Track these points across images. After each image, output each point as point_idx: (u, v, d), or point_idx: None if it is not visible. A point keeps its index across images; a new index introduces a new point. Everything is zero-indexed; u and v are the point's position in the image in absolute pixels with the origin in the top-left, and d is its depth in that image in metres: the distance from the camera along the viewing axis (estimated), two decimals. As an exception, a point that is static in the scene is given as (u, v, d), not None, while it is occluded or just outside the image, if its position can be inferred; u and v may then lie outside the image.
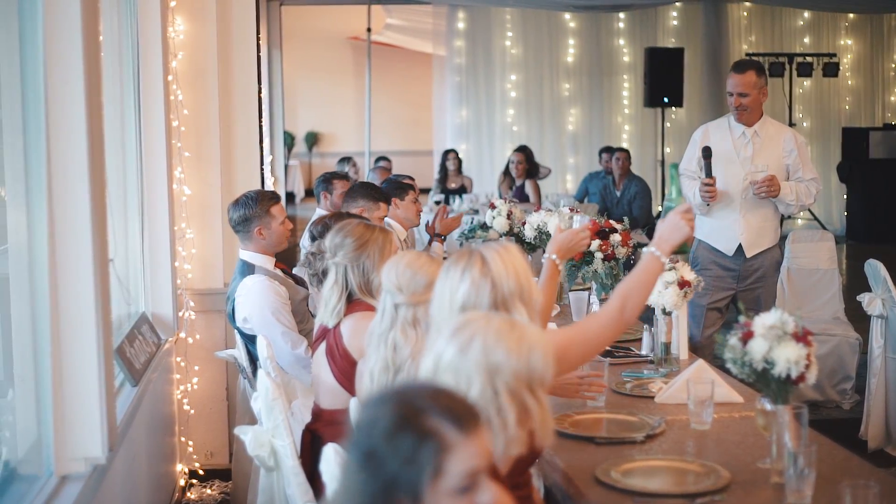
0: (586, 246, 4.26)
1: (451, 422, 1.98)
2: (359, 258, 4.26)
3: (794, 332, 3.21)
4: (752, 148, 6.30)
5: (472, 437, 1.99)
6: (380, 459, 1.97)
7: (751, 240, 6.32)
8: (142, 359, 4.94)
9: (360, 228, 4.34)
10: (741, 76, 6.29)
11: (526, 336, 2.56)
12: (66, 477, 3.50)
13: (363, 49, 16.84)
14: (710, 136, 6.40)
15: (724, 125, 6.43)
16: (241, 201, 5.40)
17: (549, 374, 2.58)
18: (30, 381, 3.45)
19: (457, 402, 2.04)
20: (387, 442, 1.97)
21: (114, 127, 5.08)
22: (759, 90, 6.28)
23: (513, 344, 2.52)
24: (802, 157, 6.35)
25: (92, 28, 3.56)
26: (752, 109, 6.31)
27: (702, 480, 3.28)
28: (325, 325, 4.34)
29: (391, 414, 2.00)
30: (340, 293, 4.28)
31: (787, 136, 6.39)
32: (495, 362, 2.50)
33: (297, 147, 22.75)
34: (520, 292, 3.10)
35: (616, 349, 4.94)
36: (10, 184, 3.44)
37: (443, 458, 1.96)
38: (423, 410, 1.99)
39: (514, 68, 16.74)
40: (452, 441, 1.97)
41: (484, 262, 3.08)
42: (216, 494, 6.11)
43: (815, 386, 6.92)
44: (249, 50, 6.58)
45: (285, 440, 3.93)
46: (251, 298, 5.20)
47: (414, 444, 1.96)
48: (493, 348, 2.51)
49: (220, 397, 6.44)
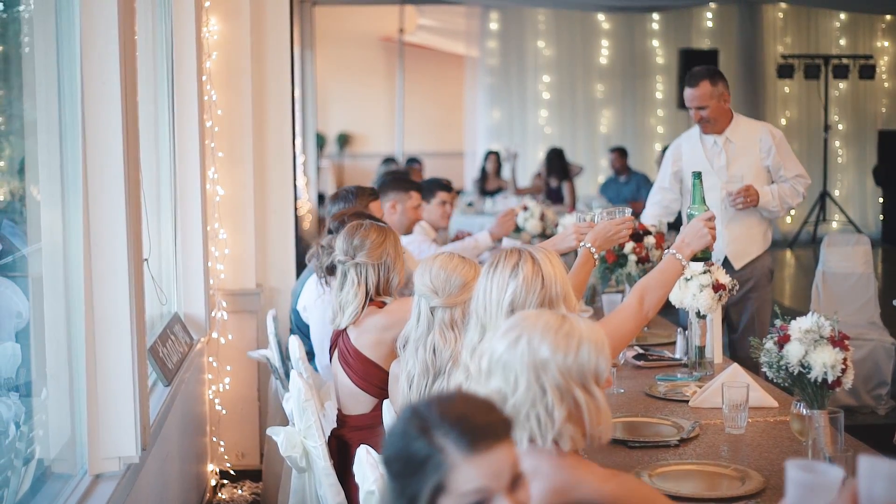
0: (625, 238, 4.29)
1: (459, 439, 1.95)
2: (381, 256, 4.27)
3: (831, 336, 3.19)
4: (726, 156, 6.00)
5: (484, 455, 1.95)
6: (395, 471, 1.98)
7: (737, 251, 6.01)
8: (174, 359, 4.95)
9: (375, 228, 4.35)
10: (694, 89, 5.95)
11: (575, 330, 2.49)
12: (99, 476, 3.51)
13: (395, 50, 16.87)
14: (682, 150, 6.16)
15: (696, 136, 6.12)
16: (340, 195, 5.53)
17: (603, 367, 2.51)
18: (64, 381, 3.47)
19: (473, 417, 2.00)
20: (400, 454, 1.98)
21: (148, 127, 5.10)
22: (717, 98, 5.93)
23: (560, 339, 2.46)
24: (782, 154, 6.02)
25: (128, 28, 3.58)
26: (716, 119, 5.97)
27: (736, 485, 3.26)
28: (338, 327, 4.34)
29: (405, 426, 2.00)
30: (363, 296, 4.27)
31: (762, 136, 6.03)
32: (542, 359, 2.44)
33: (329, 148, 22.77)
34: (565, 295, 3.11)
35: (650, 353, 4.92)
36: (45, 184, 3.45)
37: (447, 475, 1.94)
38: (433, 425, 1.97)
39: (546, 69, 16.71)
40: (458, 459, 1.94)
41: (535, 262, 3.08)
42: (247, 495, 6.12)
43: (851, 391, 6.88)
44: (283, 50, 6.59)
45: (317, 441, 3.94)
46: (318, 290, 5.22)
47: (422, 458, 1.95)
48: (538, 344, 2.45)
49: (252, 398, 6.45)
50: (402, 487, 1.98)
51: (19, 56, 3.77)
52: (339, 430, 4.30)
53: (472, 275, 3.60)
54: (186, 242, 5.67)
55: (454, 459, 1.94)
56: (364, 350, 4.22)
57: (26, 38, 3.68)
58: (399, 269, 4.29)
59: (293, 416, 4.11)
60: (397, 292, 4.38)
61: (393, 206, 6.53)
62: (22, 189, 3.64)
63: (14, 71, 3.82)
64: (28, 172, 3.53)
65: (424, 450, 1.95)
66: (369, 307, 4.26)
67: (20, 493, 3.27)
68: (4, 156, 3.81)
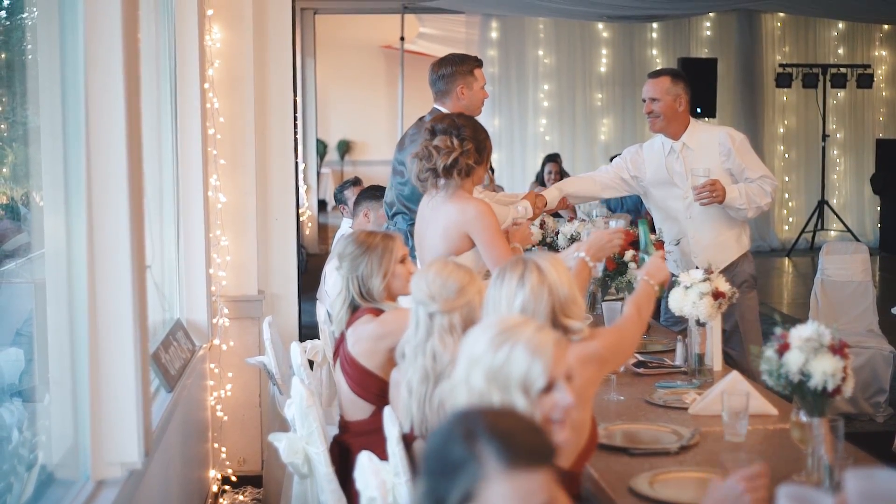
0: (617, 248, 4.59)
1: (500, 452, 1.91)
2: (357, 266, 4.30)
3: (831, 345, 3.19)
4: (683, 162, 5.90)
5: (521, 475, 1.91)
6: (430, 469, 1.97)
7: (707, 258, 5.64)
8: (177, 365, 4.97)
9: (361, 236, 4.38)
10: (654, 80, 5.93)
11: (517, 334, 2.49)
12: (102, 482, 3.51)
13: (396, 58, 16.87)
14: (644, 157, 6.10)
15: (658, 145, 6.04)
16: (447, 58, 5.69)
17: (535, 376, 2.46)
18: (67, 386, 3.47)
19: (519, 433, 1.96)
20: (438, 453, 1.96)
21: (151, 134, 5.12)
22: (673, 97, 5.85)
23: (496, 338, 2.49)
24: (743, 155, 5.83)
25: (131, 35, 3.59)
26: (666, 118, 5.87)
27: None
28: (333, 333, 4.39)
29: (451, 427, 1.97)
30: (343, 301, 4.33)
31: (721, 139, 5.86)
32: (476, 354, 2.49)
33: (330, 155, 22.82)
34: (573, 299, 3.18)
35: (649, 360, 4.93)
36: (49, 190, 3.47)
37: (479, 485, 1.90)
38: (478, 433, 1.93)
39: (546, 78, 16.72)
40: (493, 472, 1.90)
41: (541, 271, 3.14)
42: (248, 501, 6.14)
43: (849, 399, 6.88)
44: (285, 58, 6.61)
45: (319, 447, 3.94)
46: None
47: (458, 462, 1.92)
48: (476, 340, 2.52)
49: (253, 404, 6.47)
50: (433, 487, 1.95)
51: (23, 63, 3.80)
52: (340, 435, 4.31)
53: (468, 279, 3.62)
54: (189, 249, 5.69)
55: (489, 471, 1.90)
56: (359, 358, 4.23)
57: (30, 45, 3.71)
58: (383, 275, 4.29)
59: (295, 421, 4.12)
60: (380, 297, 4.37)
61: (366, 215, 6.89)
62: (25, 195, 3.66)
63: (18, 78, 3.85)
64: (31, 179, 3.55)
65: (462, 455, 1.91)
66: (365, 314, 4.28)
67: (23, 498, 3.28)
68: (8, 162, 3.84)
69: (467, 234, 4.76)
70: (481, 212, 4.76)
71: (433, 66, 5.73)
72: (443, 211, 4.80)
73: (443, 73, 5.67)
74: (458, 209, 4.76)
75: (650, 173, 6.03)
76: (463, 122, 4.84)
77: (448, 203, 4.79)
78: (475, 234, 4.75)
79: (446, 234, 4.78)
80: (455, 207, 4.77)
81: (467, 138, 4.77)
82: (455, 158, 4.73)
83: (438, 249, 4.79)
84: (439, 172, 4.76)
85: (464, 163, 4.75)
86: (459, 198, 4.78)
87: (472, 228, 4.74)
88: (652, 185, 6.06)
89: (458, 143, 4.75)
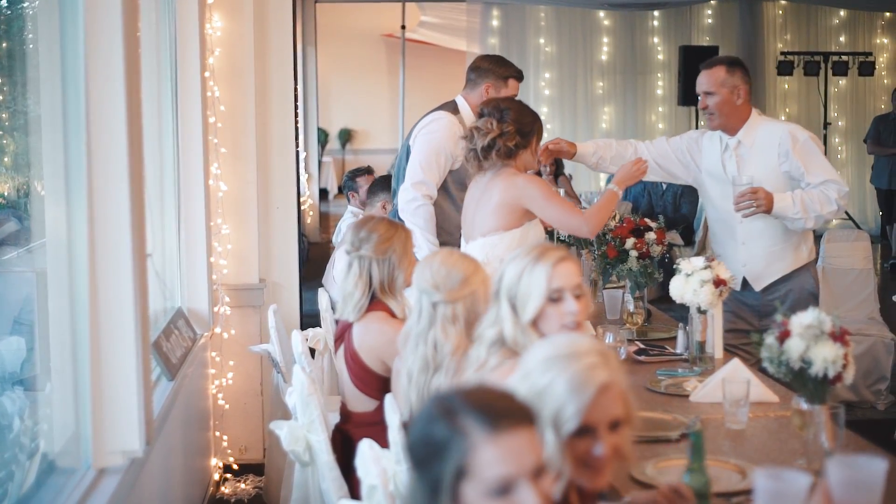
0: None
1: (481, 419, 1.95)
2: (385, 252, 4.26)
3: (832, 332, 3.19)
4: (736, 160, 5.28)
5: (505, 435, 1.95)
6: (418, 458, 1.99)
7: (757, 271, 5.30)
8: (178, 353, 4.97)
9: (385, 224, 4.35)
10: (707, 71, 5.27)
11: (569, 358, 2.39)
12: (103, 470, 3.51)
13: (397, 46, 16.86)
14: (703, 147, 5.45)
15: (716, 137, 5.38)
16: (492, 56, 5.92)
17: (569, 415, 2.35)
18: (68, 375, 3.48)
19: (495, 400, 2.01)
20: (422, 438, 1.99)
21: (151, 123, 5.12)
22: (730, 90, 5.21)
23: (547, 362, 2.40)
24: (804, 157, 5.13)
25: (132, 24, 3.59)
26: (723, 114, 5.24)
27: (736, 480, 3.27)
28: (346, 320, 4.34)
29: (428, 411, 2.01)
30: (365, 288, 4.28)
31: (781, 138, 5.17)
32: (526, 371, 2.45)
33: (331, 144, 22.80)
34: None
35: (650, 347, 4.93)
36: (50, 179, 3.47)
37: (469, 456, 1.94)
38: (456, 408, 1.97)
39: (547, 66, 16.70)
40: (479, 439, 1.94)
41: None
42: (250, 489, 6.14)
43: (850, 386, 6.88)
44: (286, 47, 6.60)
45: (320, 435, 3.95)
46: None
47: (444, 439, 1.95)
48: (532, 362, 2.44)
49: (255, 392, 6.47)
50: (424, 474, 1.98)
51: (23, 52, 3.79)
52: (342, 424, 4.31)
53: (473, 270, 3.62)
54: (190, 237, 5.69)
55: (475, 441, 1.93)
56: (362, 354, 4.22)
57: (30, 34, 3.70)
58: (406, 268, 4.27)
59: (296, 410, 4.12)
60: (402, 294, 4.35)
61: (384, 206, 6.95)
62: (26, 184, 3.66)
63: (18, 67, 3.84)
64: (32, 168, 3.54)
65: (446, 432, 1.95)
66: (377, 311, 4.25)
67: (24, 486, 3.29)
68: (9, 151, 3.83)
69: (521, 205, 4.85)
70: (530, 179, 4.89)
71: (479, 56, 5.92)
72: (491, 188, 4.90)
73: (479, 66, 5.77)
74: (506, 184, 4.86)
75: (706, 164, 5.44)
76: (507, 105, 4.94)
77: (496, 179, 4.90)
78: (529, 201, 4.84)
79: (499, 209, 4.86)
80: (504, 183, 4.87)
81: (509, 121, 4.84)
82: (493, 139, 4.80)
83: (489, 226, 4.87)
84: (479, 153, 4.83)
85: (502, 144, 4.82)
86: (507, 174, 4.88)
87: (523, 196, 4.84)
88: (708, 177, 5.46)
89: (498, 125, 4.83)
